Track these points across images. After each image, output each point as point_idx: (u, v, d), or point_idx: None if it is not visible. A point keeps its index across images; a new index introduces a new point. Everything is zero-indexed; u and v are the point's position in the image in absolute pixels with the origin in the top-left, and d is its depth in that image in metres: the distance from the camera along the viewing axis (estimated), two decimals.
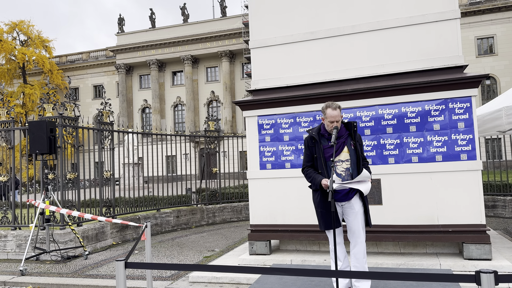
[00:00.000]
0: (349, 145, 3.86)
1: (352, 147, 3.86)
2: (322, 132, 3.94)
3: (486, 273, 1.95)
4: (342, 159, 3.84)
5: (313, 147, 3.93)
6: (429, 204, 5.10)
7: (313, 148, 3.93)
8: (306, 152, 4.00)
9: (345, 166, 3.83)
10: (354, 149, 3.86)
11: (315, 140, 3.91)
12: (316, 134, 3.91)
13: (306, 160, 4.00)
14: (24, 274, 6.16)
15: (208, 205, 11.00)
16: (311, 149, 3.95)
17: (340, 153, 3.84)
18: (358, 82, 5.51)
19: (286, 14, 5.93)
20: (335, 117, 3.81)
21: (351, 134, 3.90)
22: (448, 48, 5.23)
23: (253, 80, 6.10)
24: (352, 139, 3.88)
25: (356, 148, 3.86)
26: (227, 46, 41.04)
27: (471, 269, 4.75)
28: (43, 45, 43.66)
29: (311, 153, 3.95)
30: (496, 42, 33.72)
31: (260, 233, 5.78)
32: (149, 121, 45.05)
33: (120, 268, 2.67)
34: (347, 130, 3.91)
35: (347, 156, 3.84)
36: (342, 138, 3.86)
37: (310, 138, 3.96)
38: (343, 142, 3.85)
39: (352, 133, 3.89)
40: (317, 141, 3.89)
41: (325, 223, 3.84)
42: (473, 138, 5.02)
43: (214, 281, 5.13)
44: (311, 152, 3.95)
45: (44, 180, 7.57)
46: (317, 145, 3.89)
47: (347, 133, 3.89)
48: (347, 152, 3.84)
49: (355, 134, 3.89)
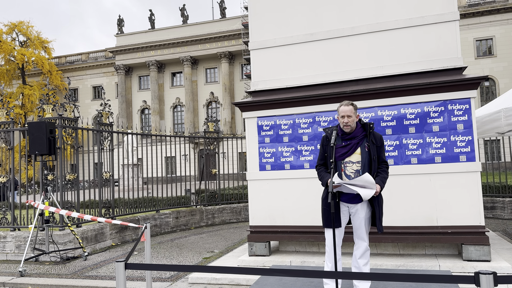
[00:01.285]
0: (363, 146, 3.82)
1: (366, 149, 3.81)
2: (338, 132, 3.93)
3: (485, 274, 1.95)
4: (353, 161, 3.81)
5: (326, 146, 3.95)
6: (428, 205, 5.11)
7: (326, 147, 3.96)
8: (321, 150, 4.04)
9: (355, 167, 3.80)
10: (367, 151, 3.81)
11: (329, 139, 3.93)
12: (330, 133, 3.93)
13: (319, 158, 4.05)
14: (23, 275, 6.15)
15: (207, 206, 11.00)
16: (324, 148, 3.99)
17: (352, 154, 3.82)
18: (357, 84, 5.52)
19: (286, 16, 5.94)
20: (345, 111, 3.80)
21: (367, 135, 3.86)
22: (447, 49, 5.24)
23: (252, 81, 6.11)
24: (368, 141, 3.84)
25: (369, 150, 3.82)
26: (226, 47, 41.07)
27: (470, 271, 4.76)
28: (42, 46, 43.68)
29: (324, 151, 3.99)
30: (495, 44, 33.78)
31: (259, 234, 5.78)
32: (148, 122, 45.04)
33: (120, 269, 2.68)
34: (364, 131, 3.88)
35: (358, 158, 3.81)
36: (356, 139, 3.83)
37: (325, 137, 4.00)
38: (356, 143, 3.82)
39: (368, 134, 3.85)
40: (329, 140, 3.91)
41: (326, 220, 3.87)
42: (472, 139, 5.03)
43: (213, 282, 5.13)
44: (324, 151, 3.99)
45: (44, 181, 7.57)
46: (328, 144, 3.92)
47: (363, 134, 3.86)
48: (359, 154, 3.81)
49: (371, 135, 3.85)
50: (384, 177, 3.83)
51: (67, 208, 7.67)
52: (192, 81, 42.79)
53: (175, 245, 8.09)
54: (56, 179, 7.77)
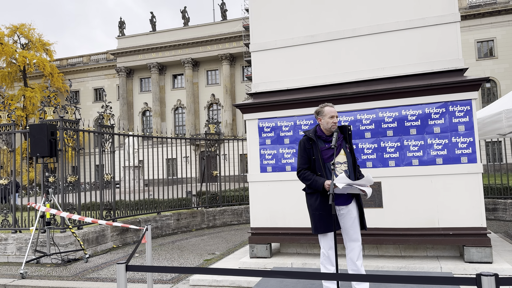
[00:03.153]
0: (345, 148, 3.88)
1: (348, 150, 3.88)
2: (318, 133, 3.90)
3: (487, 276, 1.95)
4: (340, 161, 3.83)
5: (310, 149, 3.86)
6: (430, 207, 5.10)
7: (310, 150, 3.86)
8: (302, 154, 3.91)
9: (343, 168, 3.83)
10: (350, 152, 3.88)
11: (313, 141, 3.85)
12: (313, 135, 3.88)
13: (303, 162, 3.90)
14: (24, 277, 6.15)
15: (208, 208, 10.99)
16: (308, 151, 3.86)
17: (337, 155, 3.83)
18: (358, 85, 5.52)
19: (287, 18, 5.95)
20: (334, 112, 3.84)
21: (345, 138, 3.91)
22: (448, 51, 5.24)
23: (253, 83, 6.11)
24: (347, 142, 3.90)
25: (351, 151, 3.90)
26: (227, 49, 41.13)
27: (472, 272, 4.74)
28: (44, 48, 43.80)
29: (308, 155, 3.86)
30: (496, 45, 33.77)
31: (260, 236, 5.78)
32: (149, 124, 45.09)
33: (121, 271, 2.67)
34: (341, 133, 3.92)
35: (344, 158, 3.83)
36: (338, 140, 3.85)
37: (307, 139, 3.89)
38: (339, 144, 3.85)
39: (346, 136, 3.91)
40: (315, 142, 3.83)
41: (325, 225, 3.78)
42: (474, 141, 5.02)
43: (214, 284, 5.12)
44: (308, 154, 3.86)
45: (45, 183, 7.57)
46: (314, 147, 3.83)
47: (341, 136, 3.91)
48: (343, 155, 3.84)
49: (350, 137, 3.92)
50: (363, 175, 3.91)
51: (68, 210, 7.67)
52: (193, 83, 42.84)
53: (176, 247, 8.09)
54: (57, 181, 7.78)
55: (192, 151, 36.33)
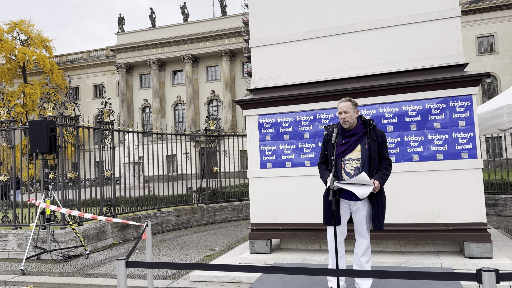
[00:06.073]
0: (363, 143, 3.79)
1: (366, 146, 3.78)
2: (340, 129, 3.92)
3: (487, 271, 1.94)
4: (352, 158, 3.80)
5: (327, 144, 3.95)
6: (430, 202, 5.09)
7: (327, 145, 3.95)
8: (322, 148, 4.05)
9: (354, 165, 3.79)
10: (367, 148, 3.78)
11: (329, 136, 3.94)
12: (331, 130, 3.92)
13: (321, 156, 4.06)
14: (25, 274, 6.16)
15: (208, 204, 11.00)
16: (325, 146, 3.99)
17: (352, 151, 3.80)
18: (358, 81, 5.50)
19: (287, 13, 5.92)
20: (342, 107, 3.81)
21: (367, 132, 3.83)
22: (448, 46, 5.22)
23: (253, 79, 6.09)
24: (368, 138, 3.81)
25: (370, 147, 3.78)
26: (227, 45, 41.02)
27: (472, 268, 4.75)
28: (43, 44, 43.67)
29: (325, 149, 3.99)
30: (497, 41, 33.67)
31: (260, 232, 5.78)
32: (149, 120, 45.06)
33: (121, 267, 2.67)
34: (364, 127, 3.86)
35: (358, 155, 3.78)
36: (356, 136, 3.82)
37: (326, 134, 4.00)
38: (356, 140, 3.81)
39: (368, 131, 3.83)
40: (329, 137, 3.91)
41: (326, 218, 3.85)
42: (474, 136, 5.01)
43: (215, 280, 5.13)
44: (324, 149, 3.99)
45: (45, 180, 7.57)
46: (329, 142, 3.92)
47: (363, 131, 3.83)
48: (358, 151, 3.79)
49: (371, 132, 3.82)
50: (384, 173, 3.77)
51: (68, 207, 7.68)
52: (193, 79, 42.76)
53: (176, 243, 8.10)
54: (57, 178, 7.78)
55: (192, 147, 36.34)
